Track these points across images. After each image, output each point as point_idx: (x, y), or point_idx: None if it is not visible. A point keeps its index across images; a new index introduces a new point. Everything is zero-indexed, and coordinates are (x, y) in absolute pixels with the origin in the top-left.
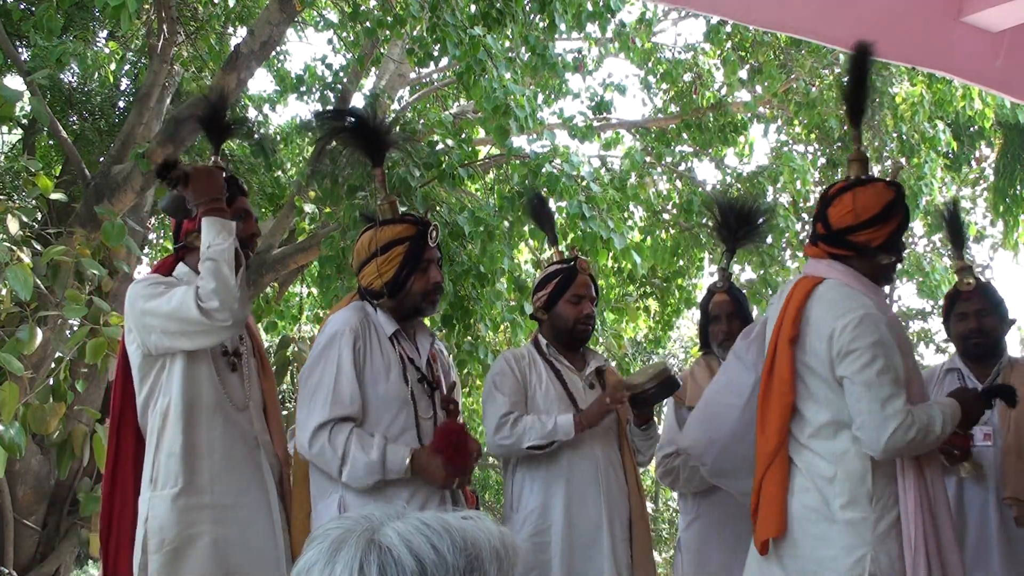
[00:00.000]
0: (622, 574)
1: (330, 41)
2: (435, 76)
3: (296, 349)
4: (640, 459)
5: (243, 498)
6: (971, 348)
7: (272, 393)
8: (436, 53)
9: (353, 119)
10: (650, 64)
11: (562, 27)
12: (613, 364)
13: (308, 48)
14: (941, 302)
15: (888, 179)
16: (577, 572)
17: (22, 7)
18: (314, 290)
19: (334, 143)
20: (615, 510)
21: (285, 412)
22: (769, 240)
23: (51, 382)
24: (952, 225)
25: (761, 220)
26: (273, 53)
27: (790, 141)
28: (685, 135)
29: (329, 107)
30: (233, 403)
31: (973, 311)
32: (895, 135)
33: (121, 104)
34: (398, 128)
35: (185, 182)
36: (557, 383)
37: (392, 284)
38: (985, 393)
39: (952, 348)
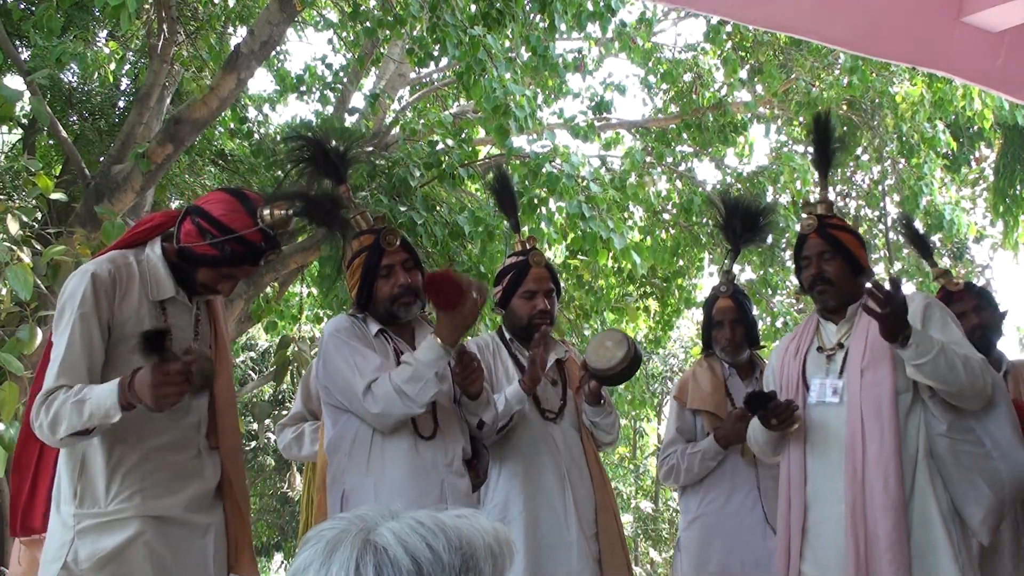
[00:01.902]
0: (591, 569)
1: (330, 41)
2: (435, 76)
3: (296, 349)
4: (605, 439)
5: (179, 506)
6: (977, 343)
7: (225, 388)
8: (436, 53)
9: (309, 145)
10: (650, 64)
11: (562, 27)
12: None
13: (308, 48)
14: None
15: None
16: (543, 569)
17: (22, 7)
18: (314, 290)
19: (295, 171)
20: (580, 506)
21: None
22: (769, 240)
23: None
24: (914, 239)
25: (765, 219)
26: (273, 53)
27: (790, 141)
28: (685, 135)
29: (292, 136)
30: (174, 412)
31: (971, 308)
32: (895, 135)
33: (121, 104)
34: (361, 139)
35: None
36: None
37: (359, 295)
38: (749, 403)
39: None
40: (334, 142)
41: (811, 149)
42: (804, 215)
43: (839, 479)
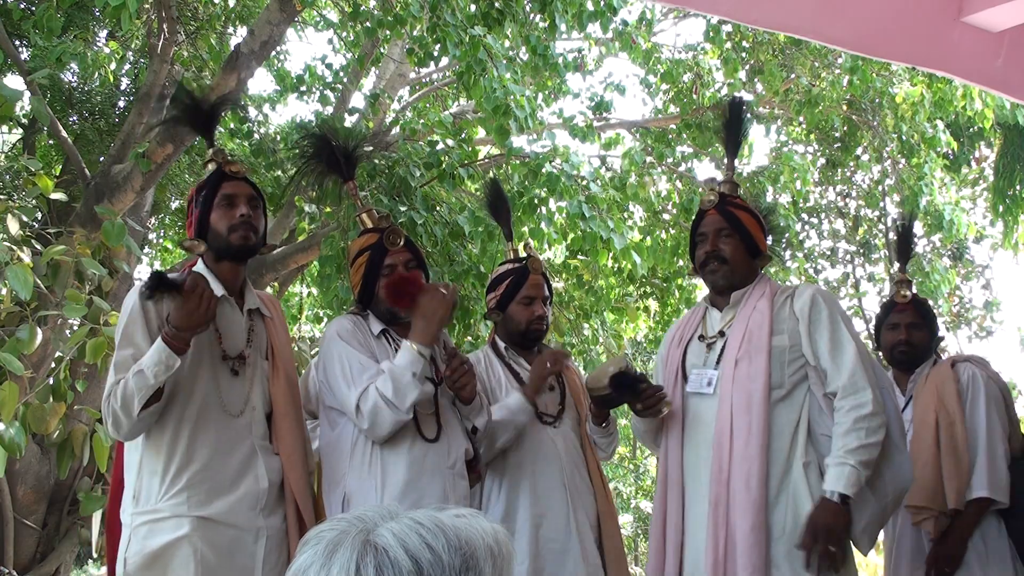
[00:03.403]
0: (594, 574)
1: (330, 41)
2: (435, 76)
3: (296, 349)
4: (601, 455)
5: (228, 508)
6: (897, 356)
7: (282, 396)
8: (436, 53)
9: (317, 142)
10: (650, 64)
11: (562, 27)
12: None
13: (308, 48)
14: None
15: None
16: (545, 574)
17: (22, 7)
18: (314, 290)
19: (304, 166)
20: (583, 511)
21: None
22: (770, 240)
23: (51, 382)
24: (902, 239)
25: (767, 220)
26: (273, 53)
27: (790, 141)
28: (685, 135)
29: (305, 132)
30: (227, 409)
31: (905, 323)
32: (895, 135)
33: (121, 104)
34: (369, 137)
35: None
36: (517, 386)
37: (361, 294)
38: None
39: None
40: (341, 140)
41: (723, 132)
42: (707, 191)
43: (704, 477)
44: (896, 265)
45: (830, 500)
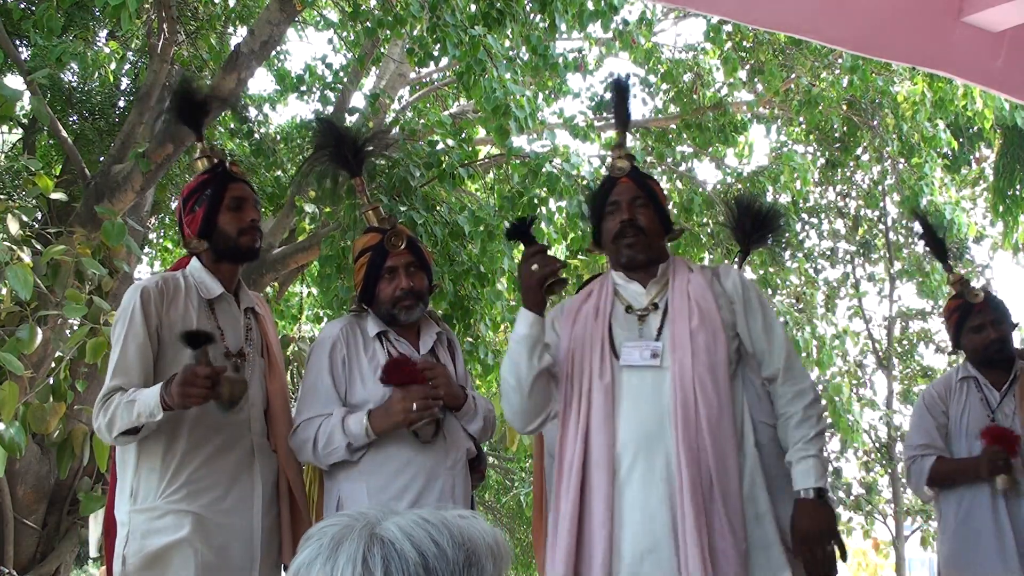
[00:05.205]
0: None
1: (330, 41)
2: (435, 76)
3: (296, 348)
4: None
5: (227, 505)
6: (994, 356)
7: (278, 394)
8: (436, 53)
9: (327, 134)
10: (650, 64)
11: (562, 27)
12: None
13: (308, 48)
14: (943, 311)
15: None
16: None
17: (22, 7)
18: (314, 290)
19: (313, 159)
20: None
21: None
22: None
23: (51, 382)
24: (930, 240)
25: (777, 221)
26: (273, 53)
27: (790, 141)
28: (685, 135)
29: (318, 121)
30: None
31: (989, 321)
32: (895, 135)
33: (121, 104)
34: (379, 133)
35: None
36: None
37: (362, 294)
38: None
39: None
40: (351, 135)
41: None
42: (614, 158)
43: (657, 455)
44: (941, 268)
45: (809, 499)
